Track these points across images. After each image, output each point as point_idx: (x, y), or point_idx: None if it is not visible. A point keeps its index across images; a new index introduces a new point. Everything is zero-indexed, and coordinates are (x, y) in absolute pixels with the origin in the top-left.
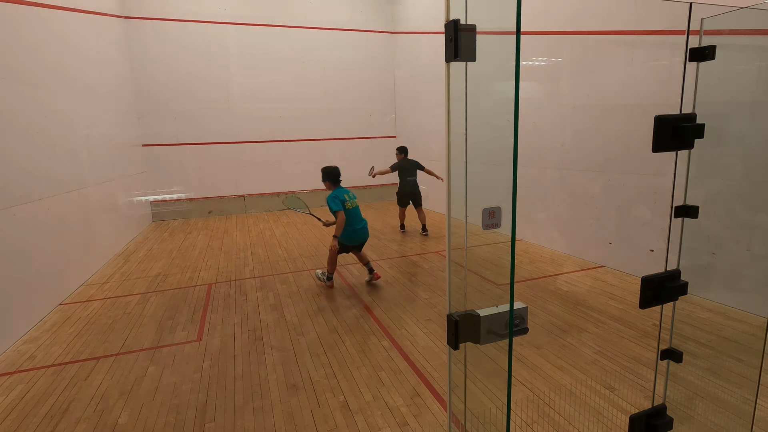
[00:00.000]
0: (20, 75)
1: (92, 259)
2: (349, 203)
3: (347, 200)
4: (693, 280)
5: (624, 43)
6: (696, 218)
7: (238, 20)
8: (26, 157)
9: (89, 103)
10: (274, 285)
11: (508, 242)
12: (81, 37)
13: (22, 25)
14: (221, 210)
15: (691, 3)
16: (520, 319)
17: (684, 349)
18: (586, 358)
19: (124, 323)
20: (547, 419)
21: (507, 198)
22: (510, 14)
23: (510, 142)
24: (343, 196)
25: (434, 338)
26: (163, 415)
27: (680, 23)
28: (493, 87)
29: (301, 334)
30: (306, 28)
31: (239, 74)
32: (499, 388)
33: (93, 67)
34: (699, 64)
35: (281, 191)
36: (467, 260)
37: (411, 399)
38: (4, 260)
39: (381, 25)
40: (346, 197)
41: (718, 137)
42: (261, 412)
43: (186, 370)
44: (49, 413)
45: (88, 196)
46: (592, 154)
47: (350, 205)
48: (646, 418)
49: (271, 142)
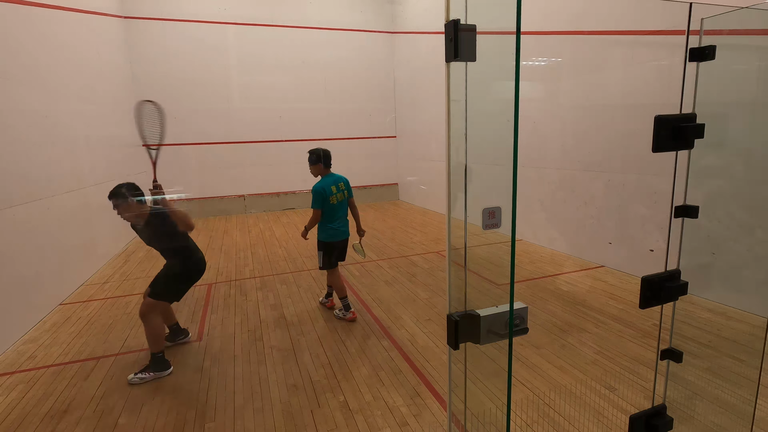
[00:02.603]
0: (20, 75)
1: (92, 259)
2: (333, 197)
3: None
4: (693, 280)
5: (624, 43)
6: (696, 218)
7: (238, 20)
8: (26, 157)
9: (89, 103)
10: (274, 285)
11: (508, 242)
12: (81, 37)
13: (22, 25)
14: (221, 210)
15: (691, 3)
16: (520, 319)
17: (684, 349)
18: (586, 358)
19: (124, 323)
20: (547, 419)
21: (507, 198)
22: (510, 14)
23: (510, 142)
24: (330, 189)
25: (434, 338)
26: (163, 415)
27: (680, 23)
28: (493, 87)
29: (301, 334)
30: (306, 28)
31: (239, 74)
32: (499, 388)
33: (93, 67)
34: (699, 64)
35: (281, 191)
36: (467, 260)
37: (411, 399)
38: (4, 260)
39: (381, 25)
40: (333, 189)
41: (718, 137)
42: (261, 412)
43: (186, 370)
44: (49, 413)
45: (87, 196)
46: (592, 154)
47: (334, 200)
48: (646, 418)
49: (271, 142)
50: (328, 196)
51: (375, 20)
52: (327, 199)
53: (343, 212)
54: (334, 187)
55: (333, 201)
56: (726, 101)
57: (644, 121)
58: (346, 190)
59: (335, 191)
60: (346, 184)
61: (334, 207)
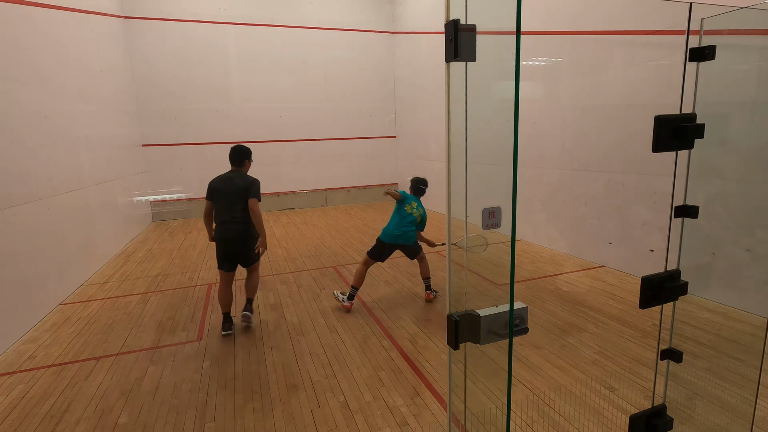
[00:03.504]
0: (20, 75)
1: (92, 259)
2: (408, 206)
3: (409, 205)
4: (693, 280)
5: (624, 43)
6: (696, 218)
7: (238, 20)
8: (26, 157)
9: (89, 103)
10: (274, 285)
11: (508, 242)
12: (81, 37)
13: (22, 25)
14: None
15: (691, 3)
16: (520, 319)
17: (684, 349)
18: (586, 358)
19: (124, 323)
20: (547, 419)
21: (507, 198)
22: (510, 14)
23: (510, 142)
24: (410, 200)
25: (434, 338)
26: (163, 415)
27: (680, 23)
28: (493, 87)
29: (301, 334)
30: (306, 28)
31: (239, 74)
32: (499, 388)
33: (93, 67)
34: (699, 64)
35: (281, 191)
36: (467, 260)
37: (411, 399)
38: (4, 260)
39: (381, 25)
40: (413, 203)
41: (718, 137)
42: (261, 412)
43: (186, 370)
44: (49, 413)
45: (88, 196)
46: (592, 154)
47: (408, 209)
48: (646, 418)
49: (271, 142)
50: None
51: (375, 20)
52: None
53: (404, 222)
54: (414, 202)
55: (408, 209)
56: (726, 101)
57: (644, 121)
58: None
59: (412, 206)
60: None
61: (402, 212)
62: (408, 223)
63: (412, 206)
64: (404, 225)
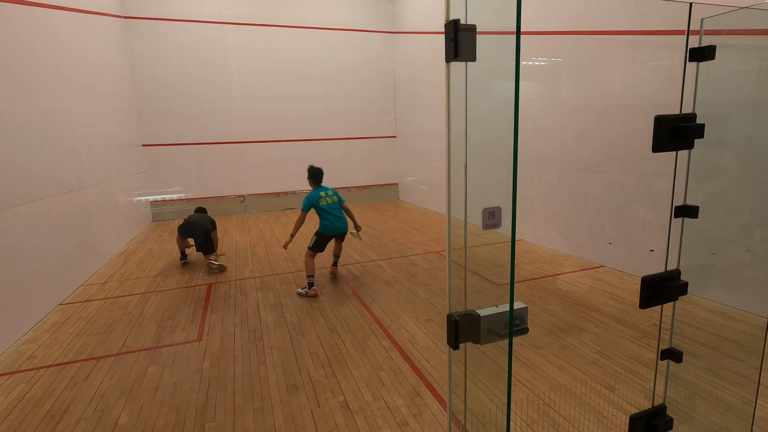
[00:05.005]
0: (20, 75)
1: (92, 259)
2: (323, 200)
3: (322, 197)
4: (693, 280)
5: (624, 43)
6: (696, 218)
7: (238, 20)
8: (26, 157)
9: (89, 103)
10: (274, 285)
11: (508, 242)
12: (81, 37)
13: (22, 25)
14: (221, 210)
15: (691, 3)
16: (520, 319)
17: (684, 349)
18: (586, 358)
19: (124, 323)
20: (547, 419)
21: (507, 198)
22: (510, 14)
23: (510, 142)
24: (318, 194)
25: (434, 338)
26: (163, 415)
27: (680, 23)
28: (493, 87)
29: (301, 334)
30: (306, 28)
31: (239, 74)
32: (499, 388)
33: (93, 67)
34: (699, 64)
35: (281, 191)
36: (467, 260)
37: (411, 399)
38: (4, 260)
39: (381, 25)
40: (321, 194)
41: (718, 137)
42: (261, 412)
43: (186, 370)
44: (49, 413)
45: (88, 196)
46: (592, 154)
47: (324, 202)
48: (646, 418)
49: (271, 142)
50: (318, 199)
51: (375, 20)
52: (318, 200)
53: (337, 212)
54: (323, 193)
55: (323, 203)
56: (726, 101)
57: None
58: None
59: (323, 196)
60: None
61: (326, 207)
62: (338, 212)
63: (327, 195)
64: (338, 215)
